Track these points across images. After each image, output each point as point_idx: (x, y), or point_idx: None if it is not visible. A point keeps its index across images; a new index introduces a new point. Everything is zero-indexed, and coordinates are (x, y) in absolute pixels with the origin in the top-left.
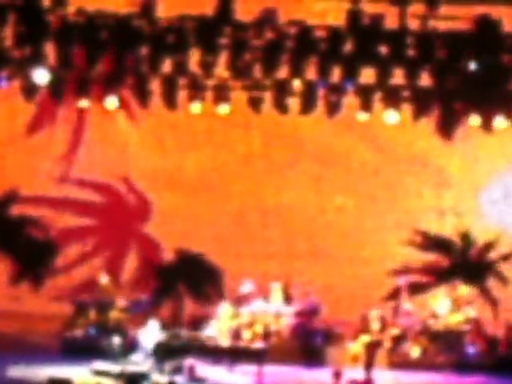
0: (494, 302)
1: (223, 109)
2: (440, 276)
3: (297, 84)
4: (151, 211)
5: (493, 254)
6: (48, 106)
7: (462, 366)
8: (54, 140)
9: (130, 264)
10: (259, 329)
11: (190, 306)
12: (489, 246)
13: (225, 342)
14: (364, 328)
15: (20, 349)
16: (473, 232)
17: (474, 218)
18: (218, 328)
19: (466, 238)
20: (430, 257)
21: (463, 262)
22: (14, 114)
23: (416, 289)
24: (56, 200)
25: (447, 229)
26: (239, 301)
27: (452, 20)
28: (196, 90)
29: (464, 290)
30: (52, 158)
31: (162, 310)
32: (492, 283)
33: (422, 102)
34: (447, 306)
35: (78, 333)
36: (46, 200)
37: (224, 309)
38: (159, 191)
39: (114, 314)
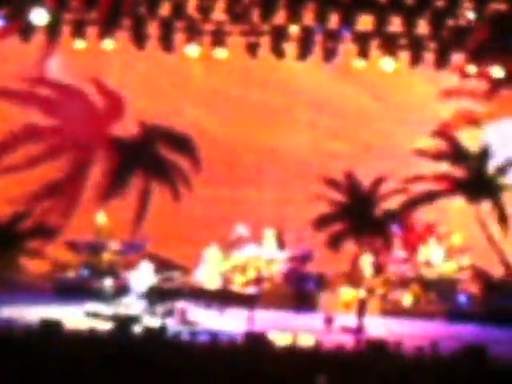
0: (504, 219)
1: (220, 53)
2: (456, 185)
3: (294, 30)
4: (123, 109)
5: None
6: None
7: (454, 314)
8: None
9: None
10: (251, 274)
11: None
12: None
13: (215, 285)
14: (356, 274)
15: (12, 289)
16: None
17: None
18: (208, 271)
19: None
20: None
21: (479, 175)
22: None
23: (432, 196)
24: (20, 94)
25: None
26: (232, 245)
27: None
28: (193, 33)
29: (457, 238)
30: None
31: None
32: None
33: (418, 50)
34: (441, 255)
35: (70, 274)
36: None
37: (211, 252)
38: None
39: (106, 256)
